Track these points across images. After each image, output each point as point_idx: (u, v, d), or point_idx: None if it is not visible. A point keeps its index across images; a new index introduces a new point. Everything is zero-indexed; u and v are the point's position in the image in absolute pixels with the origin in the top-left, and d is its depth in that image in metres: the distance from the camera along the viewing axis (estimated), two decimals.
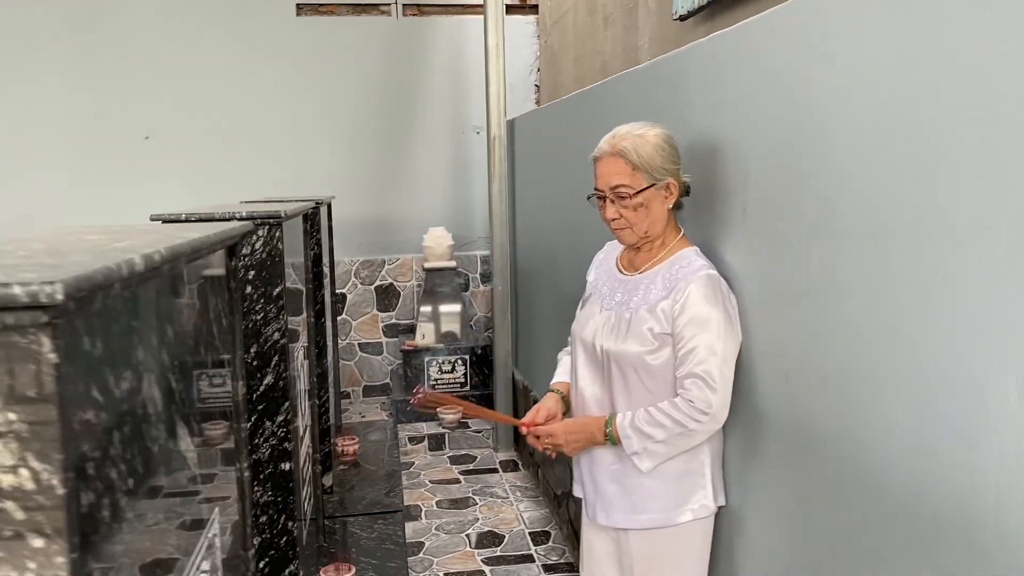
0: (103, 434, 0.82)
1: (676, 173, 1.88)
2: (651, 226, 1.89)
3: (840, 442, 1.51)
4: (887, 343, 1.34)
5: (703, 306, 1.81)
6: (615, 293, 1.98)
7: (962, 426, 1.17)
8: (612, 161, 1.87)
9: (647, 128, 1.88)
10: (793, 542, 1.71)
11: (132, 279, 0.87)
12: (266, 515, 2.39)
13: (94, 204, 5.21)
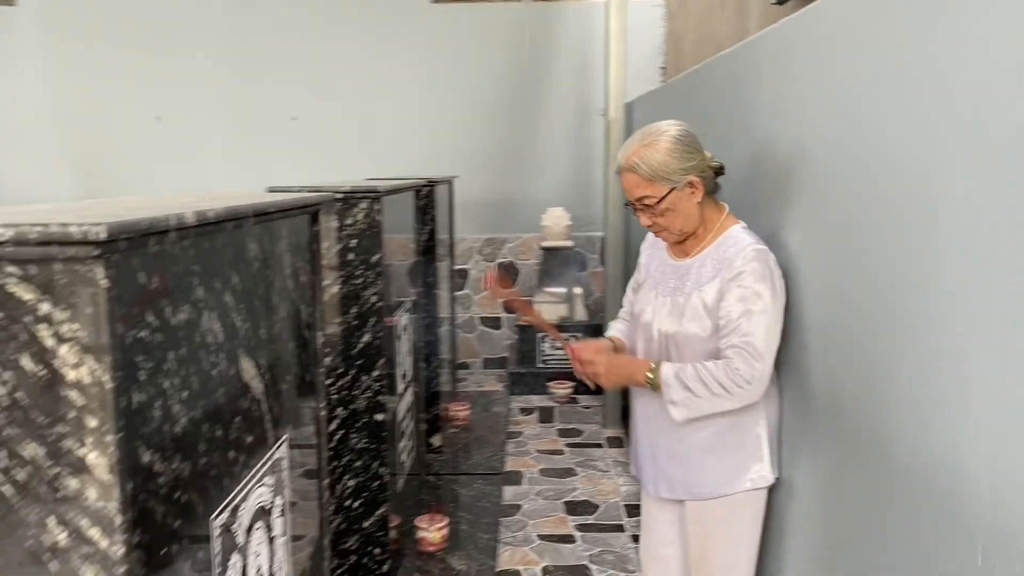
0: (155, 351, 1.04)
1: (697, 167, 1.96)
2: (684, 223, 1.98)
3: (873, 425, 1.57)
4: (928, 332, 1.37)
5: (750, 281, 1.88)
6: (668, 279, 2.08)
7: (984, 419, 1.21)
8: (629, 176, 1.97)
9: (657, 134, 1.96)
10: (832, 515, 1.76)
11: (187, 230, 1.09)
12: (360, 460, 2.65)
13: (244, 181, 5.71)
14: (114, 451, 0.93)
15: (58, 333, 0.92)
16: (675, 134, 1.96)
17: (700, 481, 2.00)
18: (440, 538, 3.12)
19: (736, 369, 1.87)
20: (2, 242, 0.89)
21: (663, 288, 2.08)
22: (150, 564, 1.02)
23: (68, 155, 6.00)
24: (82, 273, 0.90)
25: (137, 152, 5.96)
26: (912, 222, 1.37)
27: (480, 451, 4.25)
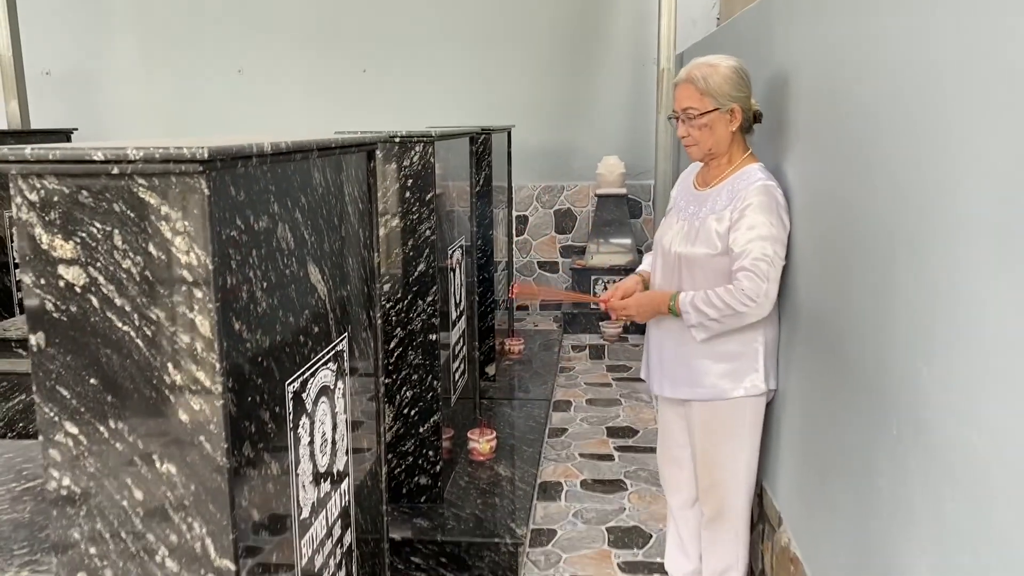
0: (242, 247, 1.38)
1: (743, 100, 2.20)
2: (715, 144, 2.23)
3: (848, 341, 1.84)
4: (887, 269, 1.63)
5: (758, 212, 2.14)
6: (689, 206, 2.34)
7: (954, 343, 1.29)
8: (685, 87, 2.23)
9: (722, 59, 2.23)
10: (809, 419, 2.03)
11: (265, 156, 1.42)
12: (416, 375, 3.01)
13: (318, 130, 6.09)
14: (214, 316, 1.28)
15: (174, 228, 1.26)
16: (735, 65, 2.22)
17: (700, 382, 2.28)
18: (489, 449, 3.47)
19: (742, 290, 2.13)
20: (134, 160, 1.23)
21: (684, 213, 2.34)
22: (239, 406, 1.37)
23: (157, 106, 6.48)
24: (191, 184, 1.24)
25: (221, 102, 6.40)
26: (895, 167, 1.62)
27: (531, 381, 4.59)
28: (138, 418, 1.32)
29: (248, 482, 1.40)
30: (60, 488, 1.35)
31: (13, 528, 1.76)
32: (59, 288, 1.29)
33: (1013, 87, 1.05)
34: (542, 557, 2.97)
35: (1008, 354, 1.06)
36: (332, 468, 1.85)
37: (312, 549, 1.72)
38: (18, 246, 1.30)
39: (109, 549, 1.36)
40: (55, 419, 1.33)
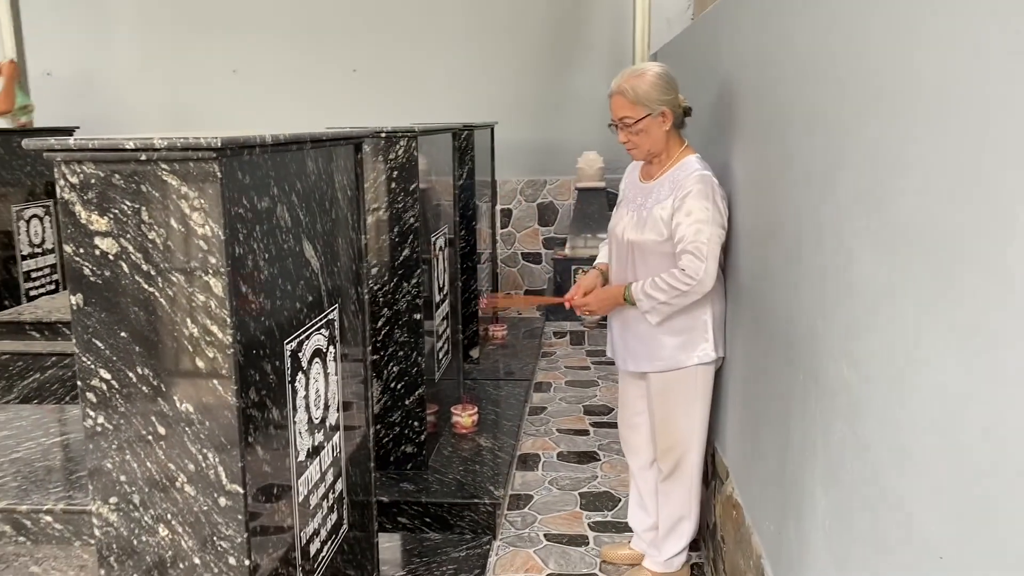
0: (247, 223, 1.63)
1: (671, 102, 2.45)
2: (653, 145, 2.48)
3: (775, 311, 2.10)
4: (811, 252, 1.90)
5: (695, 198, 2.40)
6: (637, 198, 2.60)
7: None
8: (617, 99, 2.47)
9: (648, 67, 2.47)
10: (748, 381, 2.30)
11: (266, 146, 1.67)
12: (402, 351, 3.27)
13: (311, 128, 6.34)
14: (225, 279, 1.53)
15: (191, 205, 1.52)
16: (659, 71, 2.45)
17: (657, 355, 2.55)
18: (471, 423, 3.73)
19: (683, 270, 2.38)
20: (159, 149, 1.49)
21: (632, 205, 2.60)
22: (246, 356, 1.63)
23: (155, 105, 6.72)
24: (206, 168, 1.50)
25: (216, 102, 6.64)
26: (803, 159, 1.88)
27: (513, 363, 4.85)
28: (161, 365, 1.58)
29: (253, 422, 1.66)
30: (96, 425, 1.60)
31: (47, 472, 2.01)
32: (95, 256, 1.54)
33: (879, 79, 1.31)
34: (519, 518, 3.23)
35: (873, 303, 1.32)
36: (325, 421, 2.10)
37: (308, 488, 1.98)
38: (60, 222, 1.55)
39: (136, 476, 1.61)
40: (91, 367, 1.58)
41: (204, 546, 1.63)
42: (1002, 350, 0.91)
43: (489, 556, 2.88)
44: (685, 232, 2.39)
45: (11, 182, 4.60)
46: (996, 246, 0.92)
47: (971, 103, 0.99)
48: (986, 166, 0.95)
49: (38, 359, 3.44)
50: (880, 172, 1.28)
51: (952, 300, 1.04)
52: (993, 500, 0.93)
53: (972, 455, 0.99)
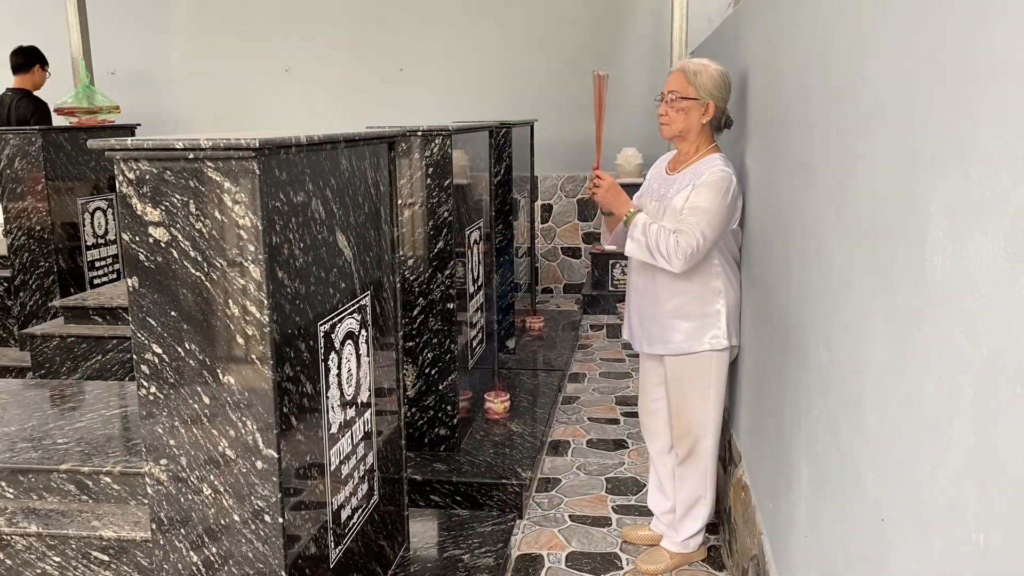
0: (286, 216, 1.81)
1: (720, 100, 2.59)
2: (685, 129, 2.60)
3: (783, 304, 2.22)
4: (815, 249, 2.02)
5: (710, 189, 2.49)
6: (660, 188, 2.72)
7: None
8: (677, 74, 2.61)
9: (713, 63, 2.60)
10: (760, 374, 2.41)
11: (302, 146, 1.85)
12: (436, 338, 3.44)
13: (358, 125, 6.57)
14: (263, 265, 1.72)
15: (233, 199, 1.70)
16: (722, 70, 2.60)
17: (671, 339, 2.67)
18: (503, 409, 3.89)
19: (676, 242, 2.46)
20: (205, 148, 1.67)
21: (655, 195, 2.71)
22: (282, 335, 1.81)
23: (211, 103, 7.02)
24: (246, 166, 1.68)
25: (269, 99, 6.91)
26: (800, 167, 2.00)
27: (549, 354, 5.00)
28: (206, 341, 1.77)
29: (288, 394, 1.84)
30: (148, 395, 1.80)
31: (107, 440, 2.23)
32: (149, 244, 1.74)
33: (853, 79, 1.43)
34: (546, 500, 3.39)
35: (839, 289, 1.44)
36: (357, 398, 2.28)
37: (340, 459, 2.16)
38: (119, 213, 1.75)
39: (184, 440, 1.81)
40: (145, 342, 1.78)
41: (242, 504, 1.82)
42: (921, 328, 1.04)
43: (514, 533, 3.04)
44: (686, 214, 2.48)
45: (77, 176, 4.90)
46: (917, 236, 1.05)
47: (902, 117, 1.11)
48: (907, 169, 1.08)
49: (100, 342, 3.70)
50: (841, 170, 1.41)
51: (887, 286, 1.16)
52: (918, 467, 1.06)
53: (899, 427, 1.11)
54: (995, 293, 0.83)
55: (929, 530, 1.01)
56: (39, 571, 2.01)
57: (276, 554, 1.83)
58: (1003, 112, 0.81)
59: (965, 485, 0.90)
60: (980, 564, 0.86)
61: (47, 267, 4.70)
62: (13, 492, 2.11)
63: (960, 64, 0.93)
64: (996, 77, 0.83)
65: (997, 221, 0.82)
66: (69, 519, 2.03)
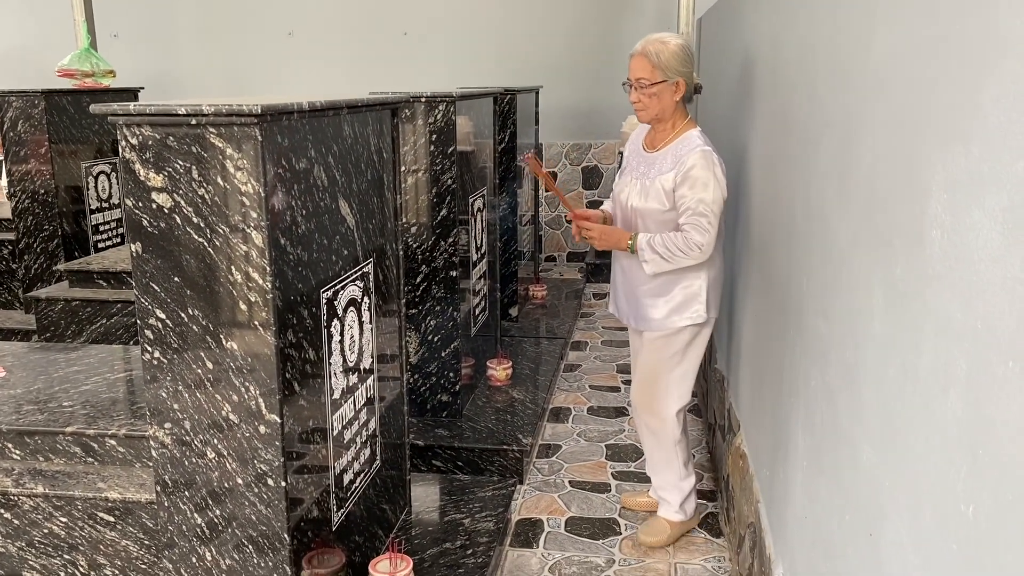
0: (286, 182, 1.81)
1: (687, 75, 2.53)
2: (661, 111, 2.55)
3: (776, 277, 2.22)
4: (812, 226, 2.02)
5: (698, 172, 2.44)
6: (640, 166, 2.66)
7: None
8: (639, 59, 2.54)
9: (672, 37, 2.54)
10: (758, 344, 2.42)
11: (303, 112, 1.85)
12: (439, 306, 3.45)
13: (362, 89, 6.52)
14: (265, 231, 1.72)
15: (236, 165, 1.70)
16: (681, 43, 2.53)
17: (651, 316, 2.65)
18: (505, 376, 3.92)
19: (690, 237, 2.45)
20: (207, 114, 1.67)
21: (636, 173, 2.67)
22: (284, 301, 1.82)
23: (214, 66, 6.98)
24: (248, 132, 1.68)
25: (273, 63, 6.87)
26: (803, 143, 1.99)
27: (551, 322, 5.02)
28: (209, 307, 1.78)
29: (291, 360, 1.86)
30: (152, 359, 1.82)
31: (112, 403, 2.26)
32: (152, 209, 1.75)
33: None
34: (546, 465, 3.42)
35: (839, 263, 1.44)
36: (359, 365, 2.30)
37: (342, 424, 2.18)
38: (121, 178, 1.75)
39: (187, 404, 1.83)
40: (149, 307, 1.80)
41: (246, 468, 1.84)
42: (918, 301, 1.04)
43: (515, 498, 3.08)
44: (690, 204, 2.46)
45: (81, 140, 4.89)
46: (918, 211, 1.05)
47: (906, 93, 1.11)
48: (910, 144, 1.07)
49: (105, 306, 3.72)
50: (844, 144, 1.40)
51: (888, 259, 1.16)
52: (912, 439, 1.07)
53: (895, 399, 1.12)
54: (990, 268, 0.83)
55: (921, 500, 1.03)
56: (46, 531, 2.05)
57: (279, 516, 1.85)
58: (1006, 90, 0.81)
59: (956, 457, 0.91)
60: (968, 534, 0.88)
61: (51, 230, 4.71)
62: (19, 454, 2.13)
63: (965, 41, 0.93)
64: (1000, 55, 0.82)
65: (995, 197, 0.82)
66: (75, 480, 2.06)
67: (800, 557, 1.70)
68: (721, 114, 3.78)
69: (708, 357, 3.59)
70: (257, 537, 1.88)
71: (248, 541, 1.89)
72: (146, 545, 2.01)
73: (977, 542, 0.86)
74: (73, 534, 2.04)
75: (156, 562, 2.01)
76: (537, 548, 2.84)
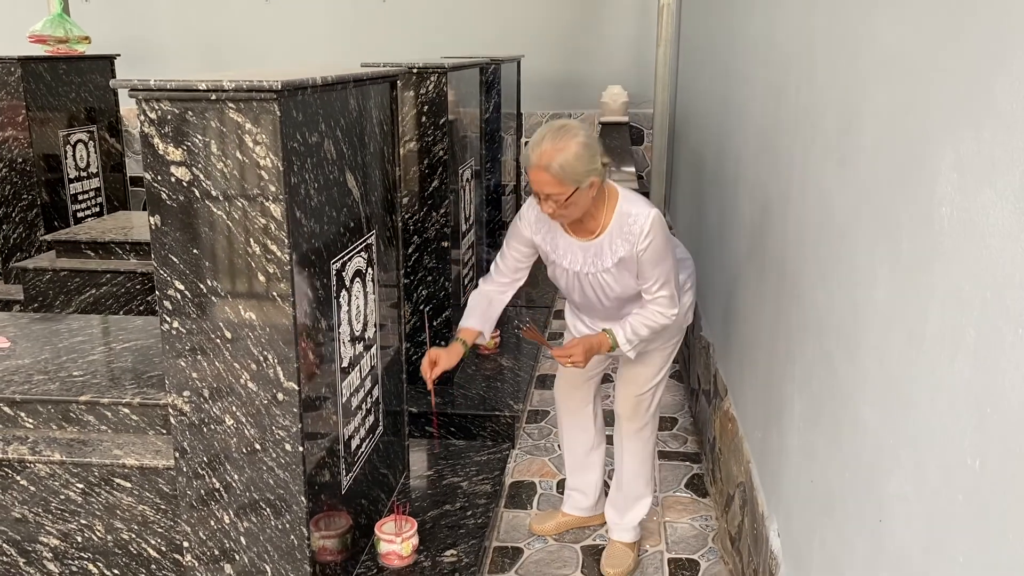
0: (303, 156, 1.85)
1: (597, 171, 2.19)
2: (582, 211, 2.25)
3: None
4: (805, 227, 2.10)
5: (657, 244, 2.26)
6: (580, 256, 2.34)
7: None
8: (541, 174, 2.15)
9: (568, 139, 2.15)
10: (751, 316, 2.51)
11: (317, 87, 1.88)
12: (431, 276, 3.51)
13: (340, 58, 6.48)
14: (283, 204, 1.77)
15: (254, 139, 1.74)
16: (582, 140, 2.15)
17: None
18: (493, 345, 3.99)
19: (662, 312, 2.32)
20: (227, 89, 1.70)
21: (584, 265, 2.34)
22: (300, 273, 1.87)
23: (189, 33, 6.88)
24: (267, 107, 1.72)
25: (249, 31, 6.79)
26: (801, 116, 2.06)
27: (538, 293, 5.10)
28: (228, 278, 1.82)
29: (306, 330, 1.91)
30: (171, 329, 1.86)
31: (121, 372, 2.29)
32: (171, 183, 1.78)
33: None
34: (536, 430, 3.51)
35: (840, 235, 1.53)
36: (364, 335, 2.36)
37: (350, 392, 2.25)
38: (141, 152, 1.78)
39: (206, 373, 1.88)
40: (168, 278, 1.84)
41: (264, 434, 1.90)
42: (926, 273, 1.13)
43: (508, 462, 3.17)
44: (656, 278, 2.30)
45: (57, 107, 4.83)
46: (925, 190, 1.13)
47: (913, 75, 1.19)
48: (918, 125, 1.15)
49: (93, 276, 3.72)
50: (846, 121, 1.48)
51: (893, 233, 1.25)
52: (916, 399, 1.16)
53: (899, 364, 1.21)
54: (1002, 243, 0.91)
55: (925, 456, 1.12)
56: (63, 497, 2.09)
57: (296, 480, 1.92)
58: (1019, 75, 0.88)
59: (963, 416, 1.00)
60: (975, 484, 0.97)
61: (30, 200, 4.67)
62: (32, 422, 2.17)
63: (979, 26, 1.00)
64: (1015, 41, 0.90)
65: (1007, 178, 0.90)
66: (91, 448, 2.10)
67: (796, 513, 1.81)
68: (710, 81, 3.84)
69: (693, 325, 3.69)
70: (275, 500, 1.94)
71: (265, 504, 1.95)
72: (163, 509, 2.07)
73: (984, 492, 0.95)
74: (90, 500, 2.09)
75: (173, 525, 2.07)
76: (531, 509, 2.94)
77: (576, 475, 2.82)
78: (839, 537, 1.49)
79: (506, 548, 2.72)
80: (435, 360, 2.40)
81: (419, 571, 2.38)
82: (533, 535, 2.79)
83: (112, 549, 2.12)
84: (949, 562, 1.03)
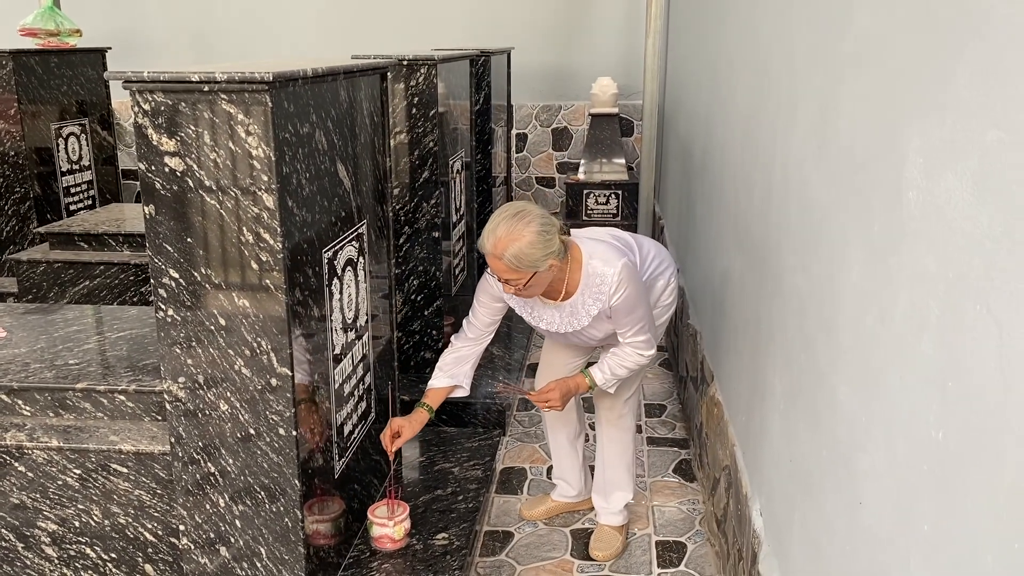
0: (294, 147, 1.89)
1: (554, 253, 2.17)
2: (544, 287, 2.27)
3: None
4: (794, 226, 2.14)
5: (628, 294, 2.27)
6: (556, 316, 2.39)
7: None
8: (496, 262, 2.17)
9: (522, 227, 2.13)
10: (739, 302, 2.56)
11: (308, 78, 1.92)
12: (422, 266, 3.55)
13: (329, 49, 6.51)
14: (275, 194, 1.80)
15: (247, 130, 1.77)
16: (536, 228, 2.13)
17: None
18: None
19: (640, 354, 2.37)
20: (220, 81, 1.74)
21: (562, 325, 2.39)
22: (292, 261, 1.90)
23: (179, 24, 6.89)
24: (259, 97, 1.75)
25: (237, 22, 6.80)
26: (782, 104, 2.11)
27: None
28: (221, 266, 1.86)
29: (299, 317, 1.95)
30: (166, 316, 1.90)
31: (116, 360, 2.33)
32: (165, 173, 1.81)
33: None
34: (526, 418, 3.56)
35: (820, 220, 1.57)
36: (356, 323, 2.40)
37: (342, 378, 2.29)
38: (135, 143, 1.81)
39: (201, 360, 1.92)
40: (162, 267, 1.87)
41: (258, 419, 1.94)
42: (895, 254, 1.17)
43: (499, 448, 3.21)
44: (632, 325, 2.33)
45: (49, 101, 4.85)
46: (894, 174, 1.17)
47: (883, 59, 1.23)
48: (889, 112, 1.20)
49: (87, 268, 3.74)
50: (825, 109, 1.52)
51: (865, 217, 1.29)
52: (887, 377, 1.21)
53: (871, 343, 1.26)
54: (963, 225, 0.96)
55: (894, 431, 1.17)
56: (60, 483, 2.13)
57: (290, 464, 1.96)
58: (978, 66, 0.93)
59: (929, 391, 1.05)
60: (938, 455, 1.02)
61: (22, 193, 4.69)
62: (30, 410, 2.21)
63: (943, 21, 1.04)
64: (974, 35, 0.94)
65: (967, 163, 0.95)
66: (88, 434, 2.14)
67: (777, 493, 1.86)
68: (698, 71, 3.89)
69: (680, 313, 3.74)
70: (269, 484, 1.98)
71: (260, 488, 1.99)
72: (159, 494, 2.11)
73: (946, 463, 1.00)
74: (87, 485, 2.12)
75: (169, 510, 2.11)
76: (522, 494, 2.99)
77: (561, 463, 2.88)
78: (818, 515, 1.54)
79: (497, 532, 2.77)
80: (398, 431, 2.46)
81: (411, 554, 2.42)
82: (523, 520, 2.85)
83: (109, 533, 2.16)
84: (915, 532, 1.08)
